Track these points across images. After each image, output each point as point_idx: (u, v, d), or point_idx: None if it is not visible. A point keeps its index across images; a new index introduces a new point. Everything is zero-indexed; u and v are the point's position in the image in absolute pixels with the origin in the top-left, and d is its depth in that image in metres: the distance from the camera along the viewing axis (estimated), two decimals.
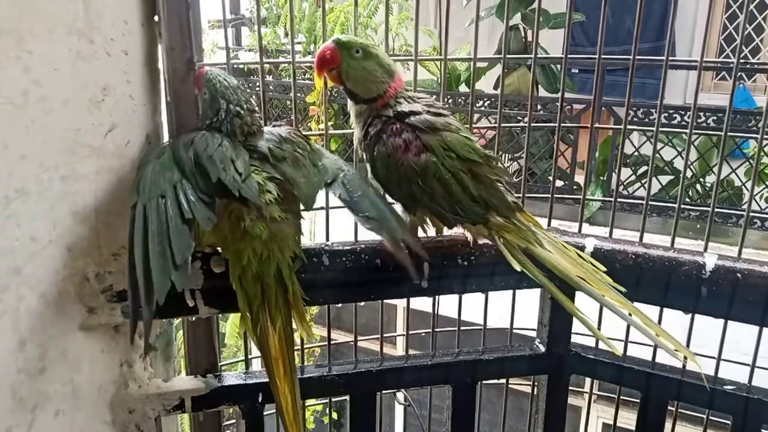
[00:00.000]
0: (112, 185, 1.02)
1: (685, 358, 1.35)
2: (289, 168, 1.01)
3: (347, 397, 1.25)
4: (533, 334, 1.32)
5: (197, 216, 0.90)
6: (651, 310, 1.24)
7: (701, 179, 4.89)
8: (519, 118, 4.88)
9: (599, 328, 1.40)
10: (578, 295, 1.17)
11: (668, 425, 1.38)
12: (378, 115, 1.07)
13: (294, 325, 1.02)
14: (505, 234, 1.02)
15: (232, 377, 1.17)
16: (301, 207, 1.02)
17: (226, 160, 0.95)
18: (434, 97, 1.12)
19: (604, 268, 1.03)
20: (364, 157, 1.10)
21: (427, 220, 1.09)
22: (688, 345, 1.39)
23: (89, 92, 0.96)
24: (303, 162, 1.03)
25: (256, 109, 1.06)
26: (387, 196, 1.08)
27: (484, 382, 1.40)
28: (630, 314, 0.99)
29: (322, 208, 1.30)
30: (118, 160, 1.02)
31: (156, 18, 1.08)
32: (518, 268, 1.00)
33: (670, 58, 1.27)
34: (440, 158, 1.01)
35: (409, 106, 1.06)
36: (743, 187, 4.72)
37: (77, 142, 0.94)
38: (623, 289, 1.01)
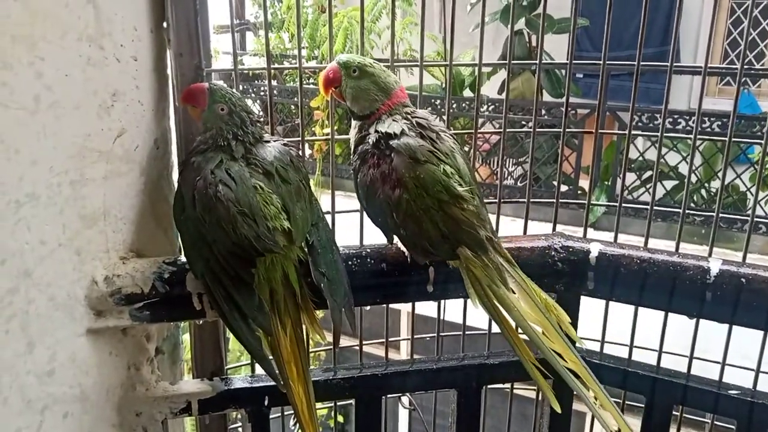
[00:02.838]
0: (121, 189, 1.03)
1: (689, 363, 1.36)
2: (290, 195, 1.01)
3: (352, 401, 1.25)
4: None
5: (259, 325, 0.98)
6: (655, 315, 1.25)
7: (706, 184, 4.89)
8: (523, 122, 4.89)
9: (604, 332, 1.40)
10: (583, 300, 1.18)
11: (672, 430, 1.37)
12: (367, 134, 1.08)
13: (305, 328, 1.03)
14: (472, 268, 1.02)
15: (238, 380, 1.18)
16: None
17: (242, 215, 0.95)
18: (434, 114, 1.12)
19: (569, 319, 1.03)
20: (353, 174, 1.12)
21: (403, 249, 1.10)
22: (692, 350, 1.39)
23: (99, 98, 0.97)
24: (303, 194, 1.04)
25: (260, 119, 1.07)
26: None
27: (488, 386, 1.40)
28: (587, 387, 0.99)
29: (328, 212, 1.31)
30: (127, 164, 1.03)
31: (165, 24, 1.10)
32: (477, 305, 1.00)
33: (675, 63, 1.27)
34: (412, 195, 1.01)
35: (395, 125, 1.05)
36: (748, 192, 4.71)
37: (87, 146, 0.95)
38: (579, 344, 1.02)
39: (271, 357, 1.01)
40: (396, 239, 1.10)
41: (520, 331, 1.04)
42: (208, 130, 1.03)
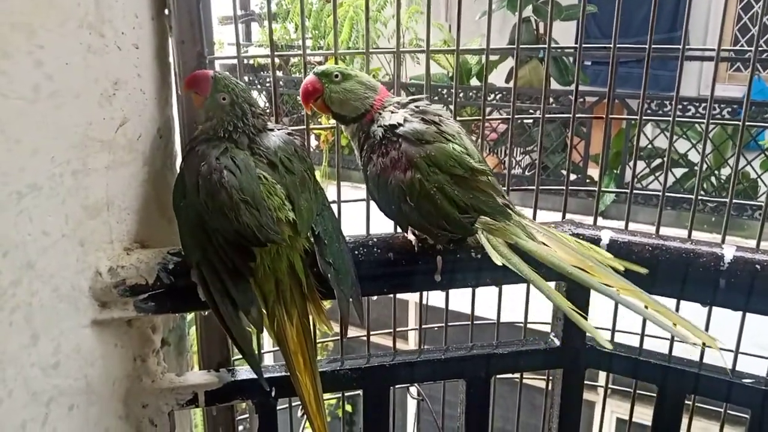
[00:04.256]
0: (124, 179, 1.02)
1: (704, 344, 1.34)
2: (294, 186, 1.00)
3: (360, 392, 1.24)
4: (548, 328, 1.31)
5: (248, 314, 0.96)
6: (667, 303, 1.23)
7: (716, 172, 4.84)
8: (531, 111, 4.85)
9: (615, 321, 1.39)
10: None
11: (685, 420, 1.36)
12: (369, 134, 1.07)
13: (312, 319, 1.02)
14: (493, 230, 1.01)
15: (245, 371, 1.17)
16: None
17: (245, 203, 0.93)
18: (426, 100, 1.10)
19: (610, 255, 1.01)
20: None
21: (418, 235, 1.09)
22: None
23: (100, 86, 0.95)
24: (308, 185, 1.03)
25: (264, 110, 1.05)
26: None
27: (497, 376, 1.39)
28: (647, 307, 0.96)
29: (334, 202, 1.29)
30: (130, 154, 1.02)
31: (166, 11, 1.08)
32: (499, 262, 0.99)
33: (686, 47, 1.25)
34: (425, 175, 1.00)
35: (396, 116, 1.05)
36: (759, 179, 4.67)
37: (88, 136, 0.94)
38: (640, 269, 0.98)
39: (269, 350, 1.00)
40: (410, 230, 1.09)
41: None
42: (209, 119, 1.01)
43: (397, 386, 1.34)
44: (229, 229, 0.93)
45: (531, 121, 4.88)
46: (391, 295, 1.39)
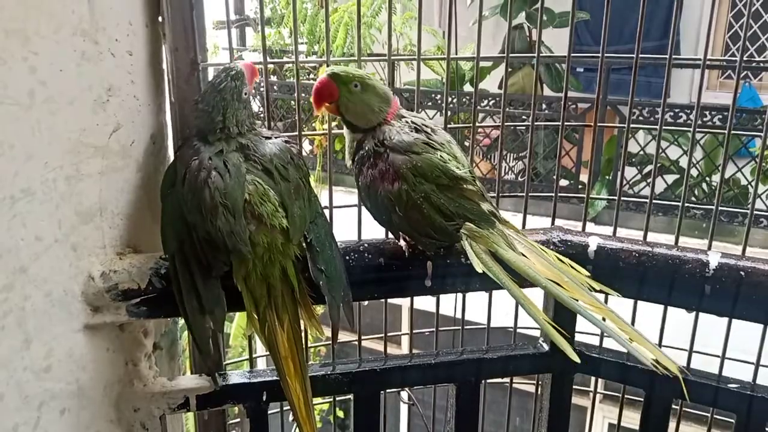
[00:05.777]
0: (117, 185, 1.03)
1: (688, 357, 1.35)
2: (289, 193, 1.01)
3: (351, 396, 1.25)
4: (537, 333, 1.32)
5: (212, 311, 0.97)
6: (654, 309, 1.24)
7: (707, 178, 4.87)
8: (524, 117, 4.88)
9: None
10: None
11: (672, 424, 1.37)
12: (361, 144, 1.08)
13: (303, 324, 1.03)
14: (476, 237, 1.02)
15: (236, 376, 1.18)
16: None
17: (222, 207, 0.94)
18: (434, 109, 1.11)
19: (587, 273, 1.02)
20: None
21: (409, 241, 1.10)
22: (692, 344, 1.39)
23: (94, 93, 0.96)
24: (303, 193, 1.03)
25: (252, 121, 1.05)
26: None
27: (488, 381, 1.40)
28: (630, 339, 0.95)
29: (326, 207, 1.30)
30: (123, 160, 1.03)
31: (160, 18, 1.09)
32: (479, 269, 1.00)
33: (674, 56, 1.27)
34: (411, 185, 1.01)
35: (393, 129, 1.06)
36: (749, 186, 4.70)
37: (82, 142, 0.95)
38: (612, 292, 1.00)
39: (262, 354, 1.00)
40: (401, 236, 1.10)
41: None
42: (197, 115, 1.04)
43: (387, 391, 1.35)
44: (201, 228, 0.94)
45: (524, 127, 4.91)
46: (383, 300, 1.40)
